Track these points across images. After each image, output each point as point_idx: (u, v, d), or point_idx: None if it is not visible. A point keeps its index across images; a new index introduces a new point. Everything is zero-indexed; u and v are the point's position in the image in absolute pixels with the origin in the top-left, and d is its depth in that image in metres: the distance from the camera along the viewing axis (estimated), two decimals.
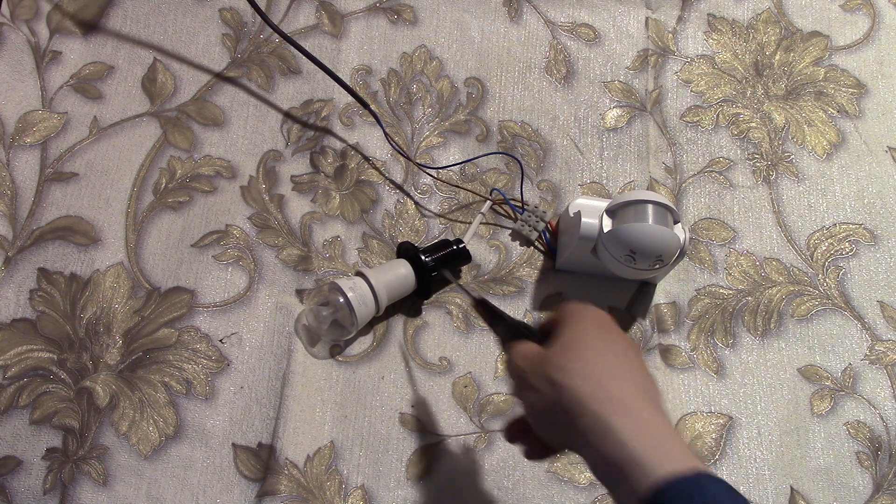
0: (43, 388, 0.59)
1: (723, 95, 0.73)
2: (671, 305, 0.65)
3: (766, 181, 0.70)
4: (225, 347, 0.61)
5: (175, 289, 0.63)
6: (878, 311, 0.66)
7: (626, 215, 0.59)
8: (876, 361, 0.64)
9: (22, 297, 0.62)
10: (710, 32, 0.75)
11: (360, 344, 0.63)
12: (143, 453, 0.58)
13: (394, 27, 0.73)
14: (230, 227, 0.65)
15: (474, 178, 0.69)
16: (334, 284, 0.60)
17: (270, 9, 0.72)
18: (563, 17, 0.75)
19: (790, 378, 0.64)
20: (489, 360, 0.63)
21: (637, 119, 0.71)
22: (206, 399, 0.60)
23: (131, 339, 0.61)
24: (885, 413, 0.63)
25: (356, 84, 0.70)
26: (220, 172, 0.67)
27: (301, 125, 0.69)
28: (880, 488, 0.61)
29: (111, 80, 0.69)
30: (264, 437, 0.59)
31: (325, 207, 0.66)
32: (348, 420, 0.60)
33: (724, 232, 0.68)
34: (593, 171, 0.70)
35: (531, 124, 0.71)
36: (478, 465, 0.60)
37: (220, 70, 0.70)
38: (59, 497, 0.57)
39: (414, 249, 0.62)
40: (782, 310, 0.66)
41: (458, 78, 0.72)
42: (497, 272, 0.66)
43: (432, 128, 0.70)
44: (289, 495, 0.57)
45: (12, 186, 0.65)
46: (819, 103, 0.73)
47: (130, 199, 0.65)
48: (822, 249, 0.68)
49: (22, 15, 0.70)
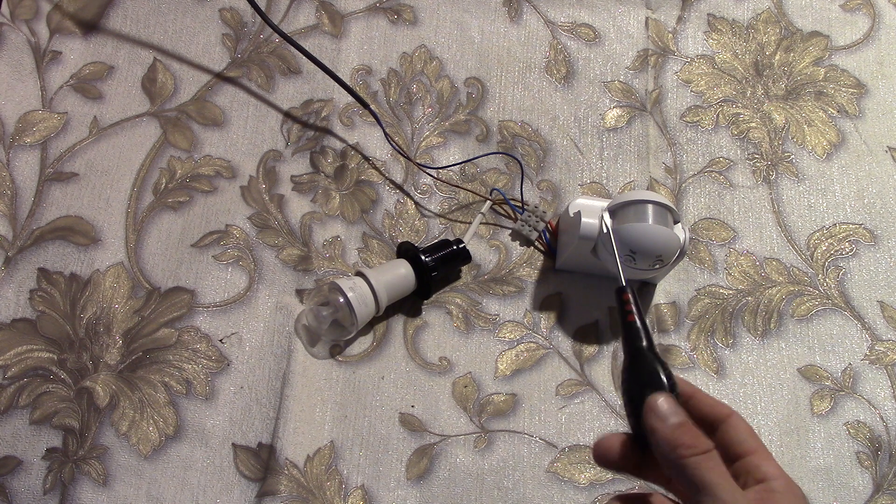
0: (43, 388, 0.59)
1: (723, 95, 0.73)
2: (671, 305, 0.65)
3: (766, 181, 0.70)
4: (225, 347, 0.61)
5: (175, 289, 0.63)
6: (878, 311, 0.66)
7: (626, 215, 0.59)
8: (876, 361, 0.64)
9: (22, 297, 0.62)
10: (710, 32, 0.75)
11: (360, 344, 0.63)
12: (143, 453, 0.58)
13: (394, 27, 0.73)
14: (230, 227, 0.65)
15: (474, 178, 0.69)
16: (334, 284, 0.60)
17: (270, 9, 0.72)
18: (563, 17, 0.75)
19: (790, 378, 0.64)
20: (489, 360, 0.63)
21: (637, 119, 0.71)
22: (206, 399, 0.60)
23: (131, 339, 0.61)
24: (885, 413, 0.63)
25: (356, 84, 0.70)
26: (220, 172, 0.67)
27: (301, 125, 0.69)
28: (880, 488, 0.61)
29: (111, 80, 0.69)
30: (264, 437, 0.59)
31: (325, 207, 0.66)
32: (348, 420, 0.60)
33: (724, 232, 0.68)
34: (593, 171, 0.70)
35: (531, 124, 0.71)
36: (478, 465, 0.60)
37: (220, 70, 0.70)
38: (59, 497, 0.57)
39: (414, 249, 0.62)
40: (782, 310, 0.66)
41: (458, 78, 0.72)
42: (497, 272, 0.66)
43: (432, 128, 0.70)
44: (289, 495, 0.57)
45: (12, 186, 0.65)
46: (819, 103, 0.73)
47: (130, 199, 0.65)
48: (822, 249, 0.68)
49: (22, 15, 0.70)
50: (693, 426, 0.39)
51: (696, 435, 0.39)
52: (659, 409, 0.40)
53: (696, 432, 0.39)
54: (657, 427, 0.39)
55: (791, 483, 0.40)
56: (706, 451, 0.38)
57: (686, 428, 0.39)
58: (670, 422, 0.39)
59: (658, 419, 0.39)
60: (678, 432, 0.39)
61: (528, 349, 0.63)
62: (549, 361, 0.63)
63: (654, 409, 0.40)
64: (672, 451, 0.38)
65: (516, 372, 0.62)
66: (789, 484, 0.40)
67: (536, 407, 0.62)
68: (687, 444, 0.38)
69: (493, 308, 0.64)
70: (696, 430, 0.39)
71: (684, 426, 0.39)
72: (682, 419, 0.39)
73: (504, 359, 0.63)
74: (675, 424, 0.39)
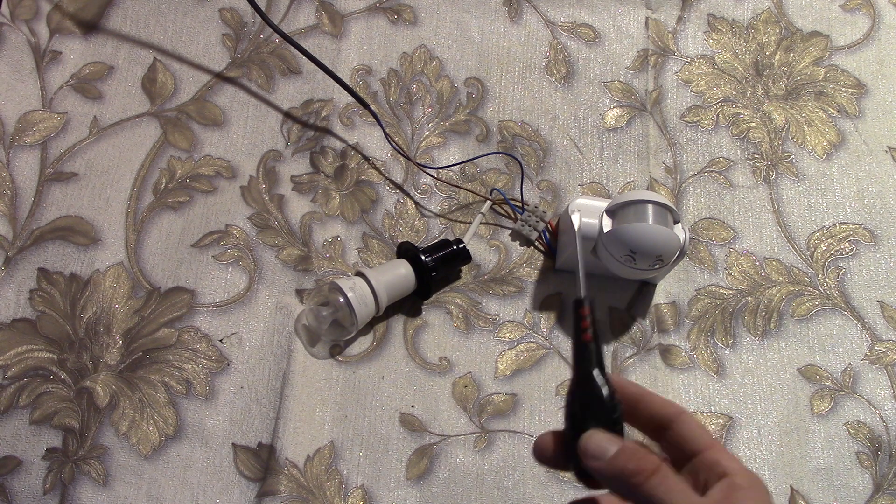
0: (43, 388, 0.59)
1: (723, 95, 0.73)
2: (671, 305, 0.65)
3: (766, 181, 0.70)
4: (225, 347, 0.61)
5: (175, 289, 0.63)
6: (878, 311, 0.66)
7: (626, 215, 0.59)
8: (876, 361, 0.64)
9: (22, 297, 0.62)
10: (710, 32, 0.75)
11: (360, 344, 0.63)
12: (143, 453, 0.58)
13: (394, 27, 0.73)
14: (230, 227, 0.65)
15: (474, 178, 0.69)
16: (334, 284, 0.60)
17: (270, 9, 0.72)
18: (563, 17, 0.75)
19: (790, 378, 0.64)
20: (489, 360, 0.63)
21: (637, 119, 0.71)
22: (206, 399, 0.60)
23: (131, 339, 0.61)
24: (885, 413, 0.63)
25: (356, 84, 0.70)
26: (220, 172, 0.67)
27: (301, 125, 0.69)
28: (880, 488, 0.61)
29: (111, 80, 0.69)
30: (264, 437, 0.59)
31: (325, 207, 0.66)
32: (348, 420, 0.60)
33: (724, 232, 0.68)
34: (593, 171, 0.70)
35: (531, 124, 0.71)
36: (478, 465, 0.60)
37: (220, 70, 0.70)
38: (59, 497, 0.57)
39: (414, 249, 0.62)
40: (782, 310, 0.66)
41: (458, 78, 0.72)
42: (497, 272, 0.66)
43: (432, 128, 0.70)
44: (289, 495, 0.57)
45: (12, 186, 0.65)
46: (819, 103, 0.73)
47: (130, 199, 0.65)
48: (822, 249, 0.68)
49: (22, 15, 0.70)
50: (631, 448, 0.38)
51: (639, 457, 0.37)
52: (590, 449, 0.38)
53: (637, 453, 0.38)
54: (596, 468, 0.38)
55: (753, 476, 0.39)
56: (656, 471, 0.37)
57: (625, 454, 0.38)
58: (608, 455, 0.38)
59: (594, 458, 0.38)
60: (619, 462, 0.37)
61: (528, 349, 0.63)
62: (549, 361, 0.63)
63: (586, 451, 0.38)
64: (623, 482, 0.37)
65: (516, 372, 0.62)
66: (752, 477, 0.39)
67: (536, 407, 0.62)
68: (634, 470, 0.37)
69: (493, 308, 0.64)
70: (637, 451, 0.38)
71: (623, 453, 0.38)
72: (617, 447, 0.38)
73: (504, 359, 0.63)
74: (613, 457, 0.38)
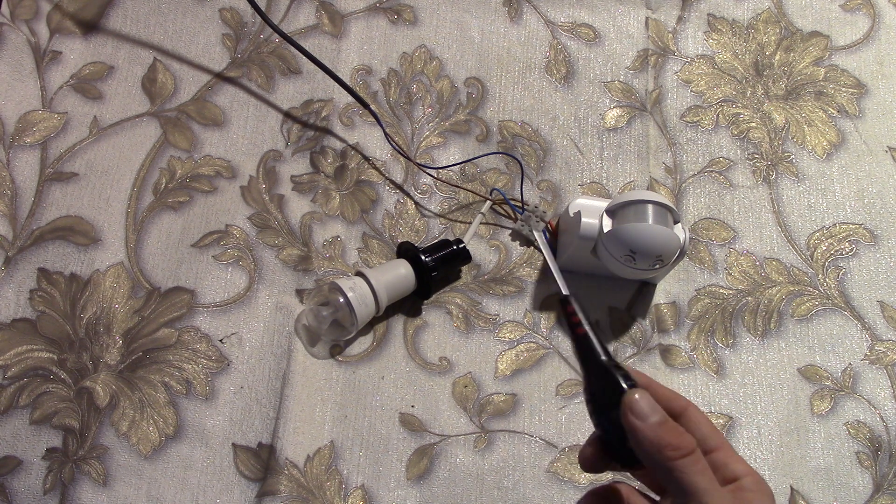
0: (43, 388, 0.59)
1: (723, 95, 0.73)
2: (671, 305, 0.65)
3: (766, 181, 0.70)
4: (225, 347, 0.61)
5: (175, 289, 0.63)
6: (878, 311, 0.66)
7: (626, 215, 0.59)
8: (876, 361, 0.64)
9: (22, 297, 0.62)
10: (710, 32, 0.75)
11: (360, 344, 0.63)
12: (143, 453, 0.58)
13: (394, 27, 0.73)
14: (230, 227, 0.65)
15: (474, 178, 0.69)
16: (334, 284, 0.60)
17: (270, 9, 0.72)
18: (563, 17, 0.75)
19: (790, 378, 0.64)
20: (489, 360, 0.63)
21: (637, 119, 0.71)
22: (206, 399, 0.60)
23: (131, 339, 0.61)
24: (885, 413, 0.63)
25: (356, 84, 0.70)
26: (220, 172, 0.67)
27: (301, 125, 0.69)
28: (880, 488, 0.61)
29: (111, 80, 0.69)
30: (264, 437, 0.59)
31: (325, 207, 0.66)
32: (348, 420, 0.60)
33: (724, 232, 0.68)
34: (593, 171, 0.70)
35: (531, 124, 0.71)
36: (478, 465, 0.60)
37: (220, 70, 0.70)
38: (59, 497, 0.57)
39: (414, 249, 0.62)
40: (782, 310, 0.66)
41: (458, 78, 0.72)
42: (497, 272, 0.66)
43: (432, 128, 0.70)
44: (289, 495, 0.57)
45: (12, 186, 0.65)
46: (819, 103, 0.73)
47: (130, 199, 0.65)
48: (822, 249, 0.68)
49: (22, 15, 0.70)
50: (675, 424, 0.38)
51: (680, 433, 0.37)
52: (637, 407, 0.38)
53: (679, 430, 0.37)
54: (638, 427, 0.37)
55: (761, 480, 0.39)
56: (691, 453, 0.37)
57: (668, 426, 0.37)
58: (651, 420, 0.37)
59: (638, 418, 0.38)
60: (661, 431, 0.37)
61: (529, 349, 0.63)
62: (549, 361, 0.63)
63: (633, 407, 0.38)
64: (657, 452, 0.37)
65: (516, 372, 0.62)
66: (759, 481, 0.39)
67: (536, 407, 0.62)
68: (672, 444, 0.37)
69: (493, 308, 0.64)
70: (679, 428, 0.38)
71: (666, 424, 0.37)
72: (662, 417, 0.38)
73: (504, 359, 0.63)
74: (657, 423, 0.37)
